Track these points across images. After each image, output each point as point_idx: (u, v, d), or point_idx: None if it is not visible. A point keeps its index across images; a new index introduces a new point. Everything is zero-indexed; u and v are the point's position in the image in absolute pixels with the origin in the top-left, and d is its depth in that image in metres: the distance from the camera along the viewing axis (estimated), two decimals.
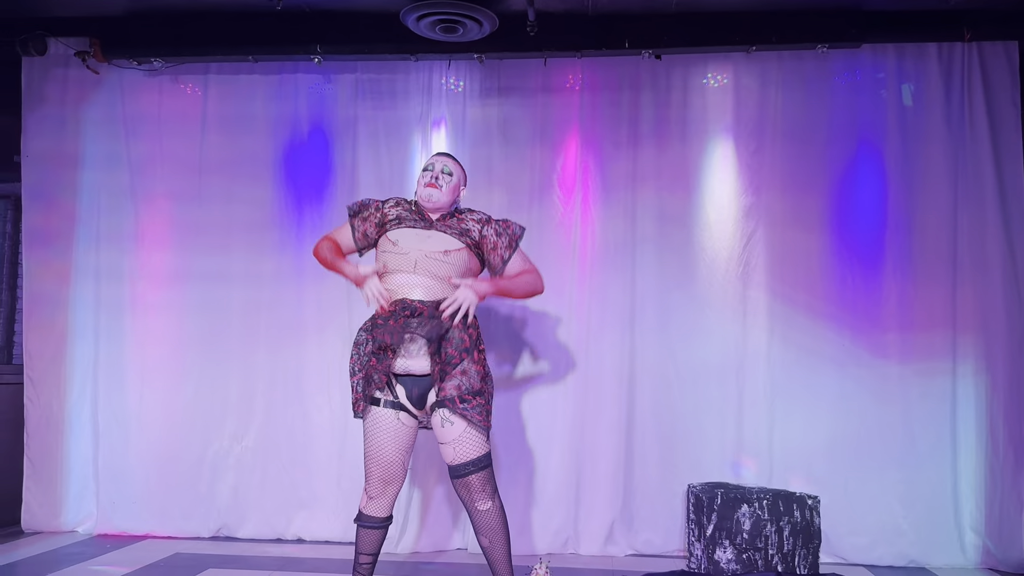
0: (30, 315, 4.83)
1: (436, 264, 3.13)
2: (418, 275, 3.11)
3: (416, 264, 3.12)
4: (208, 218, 4.80)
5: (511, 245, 3.29)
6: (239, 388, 4.72)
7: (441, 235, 3.20)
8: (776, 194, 4.58)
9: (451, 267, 3.14)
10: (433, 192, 3.24)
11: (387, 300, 3.09)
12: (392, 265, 3.16)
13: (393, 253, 3.16)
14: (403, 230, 3.22)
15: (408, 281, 3.12)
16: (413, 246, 3.15)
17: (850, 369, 4.48)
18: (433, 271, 3.12)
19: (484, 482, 3.14)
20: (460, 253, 3.18)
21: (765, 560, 4.04)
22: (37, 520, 4.69)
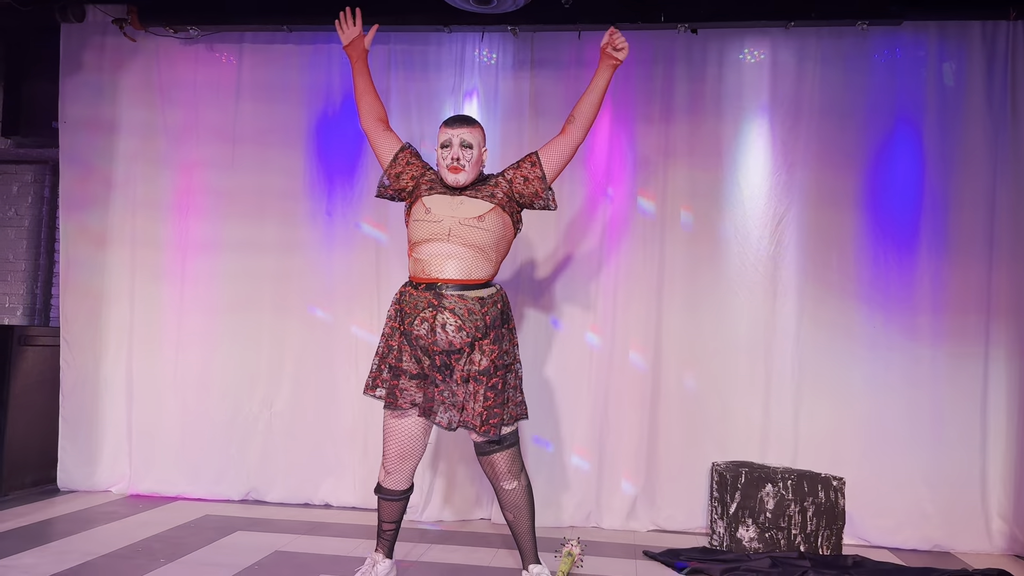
0: (67, 279, 4.92)
1: (470, 231, 3.08)
2: (452, 243, 3.07)
3: (450, 232, 3.07)
4: (242, 187, 4.85)
5: (532, 159, 3.22)
6: (270, 355, 4.79)
7: (472, 200, 3.15)
8: (811, 172, 4.53)
9: (486, 232, 3.10)
10: (459, 177, 3.15)
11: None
12: (425, 233, 3.11)
13: (426, 221, 3.11)
14: (435, 196, 3.17)
15: (441, 251, 3.07)
16: (446, 213, 3.11)
17: (880, 351, 4.44)
18: (467, 239, 3.08)
19: (511, 461, 3.13)
20: (492, 215, 3.13)
21: (788, 540, 4.04)
22: (72, 479, 4.80)
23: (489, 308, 3.07)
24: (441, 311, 3.03)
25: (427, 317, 3.03)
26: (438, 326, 3.02)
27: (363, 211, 4.77)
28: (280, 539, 3.92)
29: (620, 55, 3.18)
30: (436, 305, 3.04)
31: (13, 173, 5.76)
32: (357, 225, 4.76)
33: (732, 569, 3.70)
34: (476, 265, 3.09)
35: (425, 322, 3.03)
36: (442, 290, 3.06)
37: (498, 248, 3.18)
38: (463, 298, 3.05)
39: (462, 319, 3.03)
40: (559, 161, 3.21)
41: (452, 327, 3.02)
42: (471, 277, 3.08)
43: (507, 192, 3.19)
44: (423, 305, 3.06)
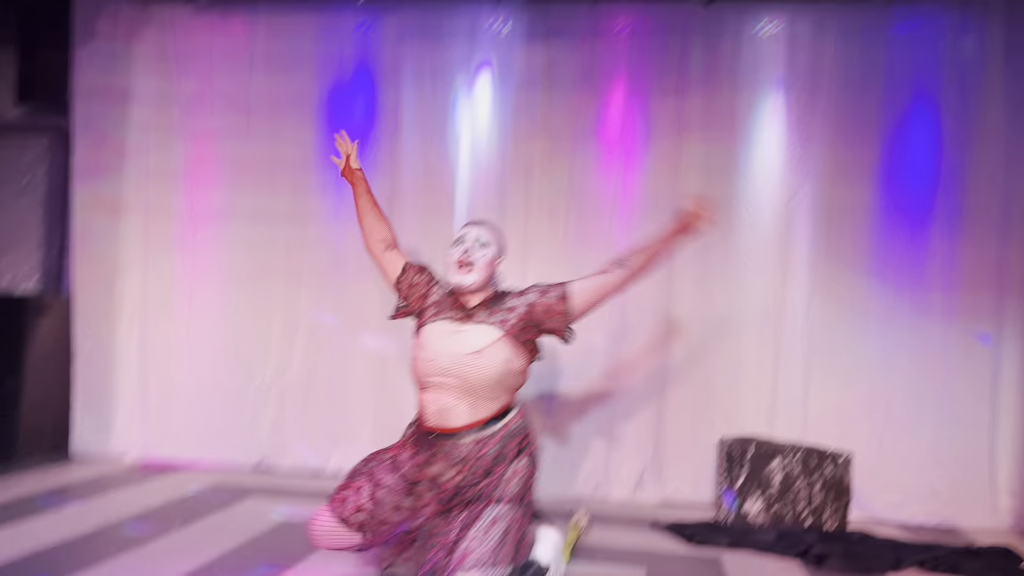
0: (80, 248, 4.94)
1: (468, 370, 2.70)
2: (448, 391, 2.72)
3: (446, 371, 2.72)
4: (255, 157, 4.85)
5: (562, 294, 2.79)
6: (281, 325, 4.82)
7: (476, 327, 2.77)
8: (825, 147, 4.50)
9: (483, 370, 2.70)
10: (465, 278, 2.79)
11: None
12: (420, 372, 2.79)
13: (423, 360, 2.78)
14: (437, 324, 2.82)
15: (440, 402, 2.73)
16: (442, 349, 2.75)
17: (891, 327, 4.44)
18: (465, 378, 2.70)
19: None
20: (496, 347, 2.73)
21: (794, 514, 4.06)
22: (87, 445, 4.86)
23: (490, 447, 2.71)
24: (435, 458, 2.73)
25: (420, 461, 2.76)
26: (430, 473, 2.73)
27: (374, 180, 4.74)
28: (291, 507, 3.97)
29: (697, 227, 2.91)
30: (430, 452, 2.75)
31: (27, 141, 5.76)
32: None
33: (739, 542, 3.73)
34: (480, 406, 2.72)
35: (420, 466, 2.76)
36: (434, 439, 2.74)
37: (504, 381, 2.76)
38: (457, 445, 2.71)
39: (459, 462, 2.71)
40: (590, 303, 2.83)
41: (447, 477, 2.72)
42: (478, 419, 2.72)
43: (524, 318, 2.78)
44: (424, 449, 2.77)
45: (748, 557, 3.59)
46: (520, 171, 4.65)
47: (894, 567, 3.49)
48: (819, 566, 3.48)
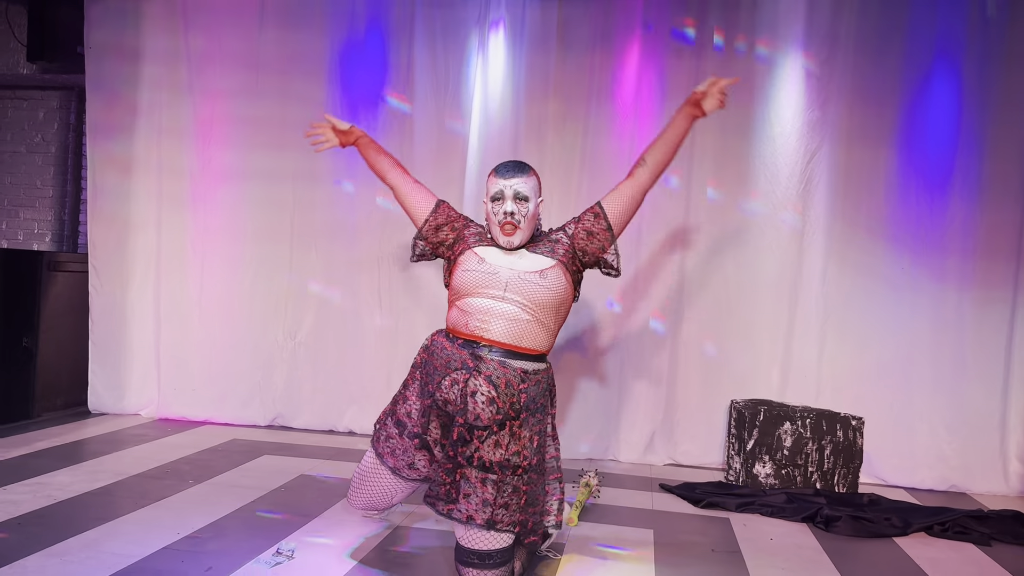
0: (94, 206, 4.95)
1: (531, 287, 2.59)
2: (507, 302, 2.58)
3: (507, 285, 2.59)
4: (265, 115, 4.82)
5: (596, 210, 2.75)
6: (293, 284, 4.83)
7: (531, 255, 2.69)
8: (844, 109, 4.43)
9: (547, 291, 2.60)
10: (513, 239, 2.68)
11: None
12: (476, 284, 2.62)
13: (479, 272, 2.62)
14: (488, 248, 2.72)
15: (493, 308, 2.57)
16: (503, 264, 2.65)
17: (906, 293, 4.41)
18: (527, 295, 2.58)
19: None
20: (554, 271, 2.65)
21: (804, 477, 4.08)
22: (102, 402, 4.92)
23: (530, 386, 2.59)
24: (475, 376, 2.54)
25: (458, 379, 2.56)
26: (467, 393, 2.53)
27: (385, 139, 4.73)
28: (305, 463, 4.01)
29: (712, 109, 2.79)
30: (471, 367, 2.55)
31: (39, 99, 5.76)
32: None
33: (747, 504, 3.75)
34: (530, 332, 2.60)
35: (456, 384, 2.56)
36: (482, 351, 2.57)
37: (559, 312, 2.68)
38: (504, 365, 2.55)
39: (497, 390, 2.52)
40: (625, 209, 2.75)
41: (483, 397, 2.51)
42: (521, 344, 2.59)
43: (568, 249, 2.72)
44: (456, 364, 2.58)
45: (757, 519, 3.62)
46: (532, 132, 4.61)
47: (903, 531, 3.51)
48: (828, 529, 3.50)
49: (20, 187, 5.79)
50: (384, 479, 2.83)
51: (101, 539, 2.78)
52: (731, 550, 3.16)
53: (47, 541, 2.72)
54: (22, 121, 5.77)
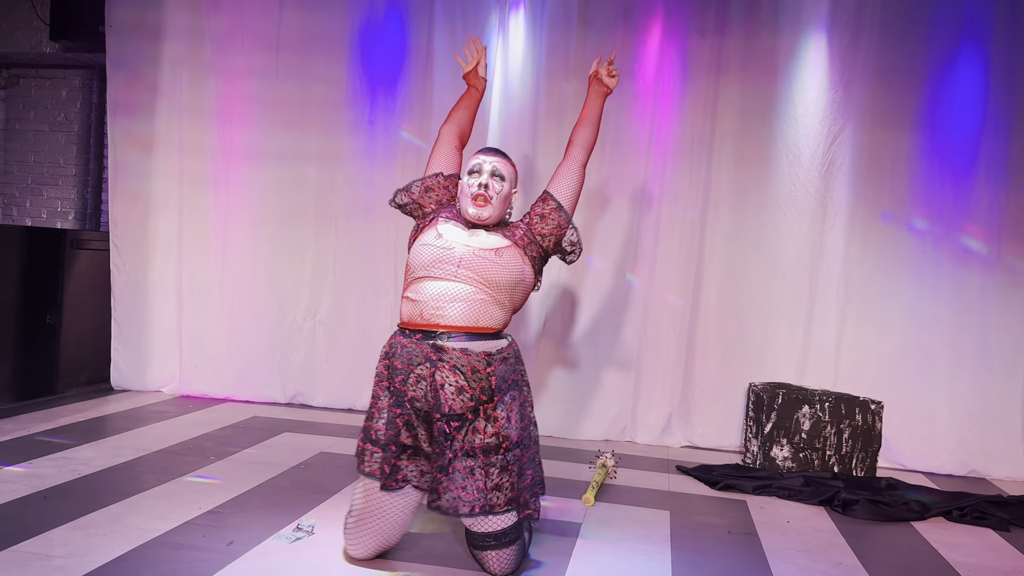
0: (115, 184, 4.99)
1: (485, 263, 2.56)
2: (459, 281, 2.53)
3: (461, 261, 2.55)
4: (285, 96, 4.83)
5: (543, 196, 2.81)
6: (312, 265, 4.86)
7: (489, 235, 2.67)
8: (868, 90, 4.38)
9: (502, 268, 2.58)
10: (482, 211, 2.66)
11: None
12: (429, 259, 2.58)
13: (434, 247, 2.60)
14: (449, 225, 2.68)
15: (444, 291, 2.52)
16: (459, 241, 2.61)
17: (928, 276, 4.37)
18: (480, 272, 2.55)
19: (509, 564, 2.53)
20: (511, 251, 2.63)
21: (822, 461, 4.07)
22: (125, 379, 4.98)
23: (497, 366, 2.54)
24: (440, 368, 2.49)
25: (423, 375, 2.49)
26: (436, 387, 2.48)
27: (404, 120, 4.74)
28: (325, 441, 4.05)
29: (612, 83, 3.03)
30: (434, 360, 2.49)
31: (62, 78, 5.80)
32: (398, 134, 4.73)
33: (764, 487, 3.75)
34: (485, 310, 2.55)
35: (422, 381, 2.49)
36: (441, 340, 2.51)
37: (514, 293, 2.64)
38: (467, 352, 2.50)
39: (465, 377, 2.49)
40: (570, 187, 2.82)
41: (452, 388, 2.47)
42: (478, 324, 2.53)
43: (526, 234, 2.72)
44: (419, 359, 2.51)
45: (774, 502, 3.62)
46: (553, 112, 4.59)
47: (920, 515, 3.50)
48: (845, 512, 3.50)
49: (43, 165, 5.84)
50: (385, 506, 2.54)
51: (125, 513, 2.83)
52: (748, 532, 3.17)
53: (72, 514, 2.77)
54: (45, 100, 5.82)
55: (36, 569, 2.31)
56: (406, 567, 2.55)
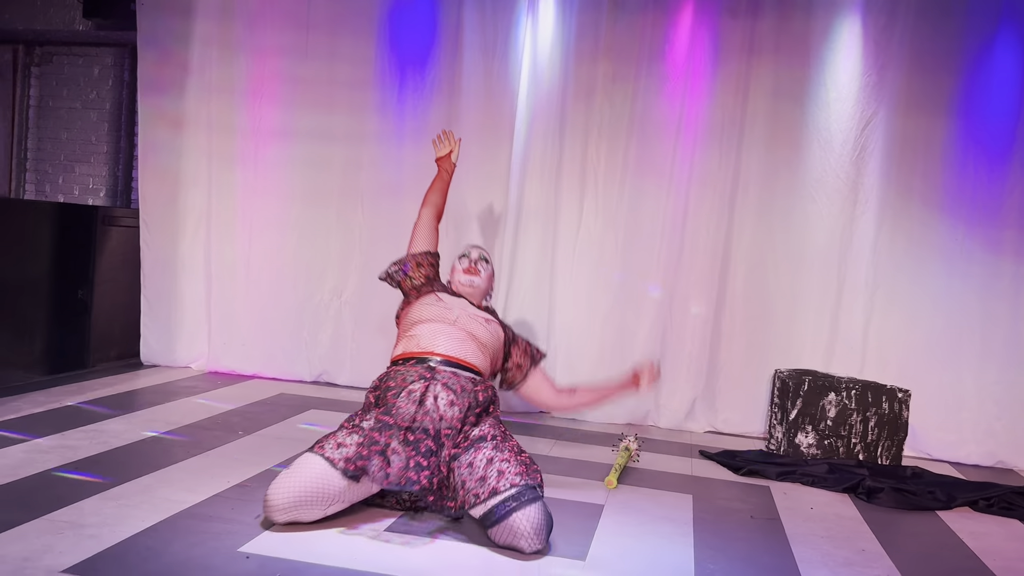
0: (145, 162, 5.03)
1: (476, 324, 3.11)
2: (456, 327, 3.04)
3: (457, 319, 3.08)
4: (313, 75, 4.83)
5: (532, 358, 3.42)
6: (339, 244, 4.88)
7: (478, 310, 3.27)
8: (902, 74, 4.32)
9: (488, 333, 3.13)
10: (475, 279, 3.32)
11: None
12: (428, 315, 3.10)
13: (434, 306, 3.15)
14: (445, 295, 3.28)
15: (441, 330, 3.01)
16: (456, 304, 3.19)
17: (959, 264, 4.32)
18: (470, 329, 3.06)
19: (538, 518, 2.49)
20: (495, 325, 3.22)
21: (847, 448, 4.05)
22: (154, 354, 5.04)
23: (481, 390, 2.85)
24: (433, 383, 2.74)
25: (415, 390, 2.71)
26: (429, 397, 2.69)
27: (433, 101, 4.73)
28: None
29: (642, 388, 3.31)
30: (428, 377, 2.77)
31: (94, 56, 5.85)
32: (428, 114, 4.73)
33: (788, 473, 3.74)
34: (473, 352, 3.01)
35: (412, 394, 2.70)
36: (434, 364, 2.87)
37: (494, 356, 3.18)
38: (456, 374, 2.84)
39: (455, 394, 2.73)
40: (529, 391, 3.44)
41: (444, 400, 2.69)
42: (466, 359, 2.96)
43: (506, 331, 3.35)
44: (413, 377, 2.77)
45: (797, 488, 3.61)
46: (581, 94, 4.57)
47: (946, 505, 3.48)
48: (870, 500, 3.48)
49: (75, 143, 5.91)
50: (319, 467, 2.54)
51: (155, 485, 2.88)
52: (770, 517, 3.16)
53: (103, 485, 2.82)
54: (78, 77, 5.88)
55: (70, 537, 2.36)
56: None
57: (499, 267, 4.63)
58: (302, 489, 2.51)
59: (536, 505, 2.51)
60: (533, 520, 2.47)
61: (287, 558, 2.36)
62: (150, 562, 2.25)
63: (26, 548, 2.27)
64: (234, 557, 2.34)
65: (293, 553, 2.39)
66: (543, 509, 2.53)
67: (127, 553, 2.30)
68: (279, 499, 2.50)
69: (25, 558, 2.20)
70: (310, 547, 2.44)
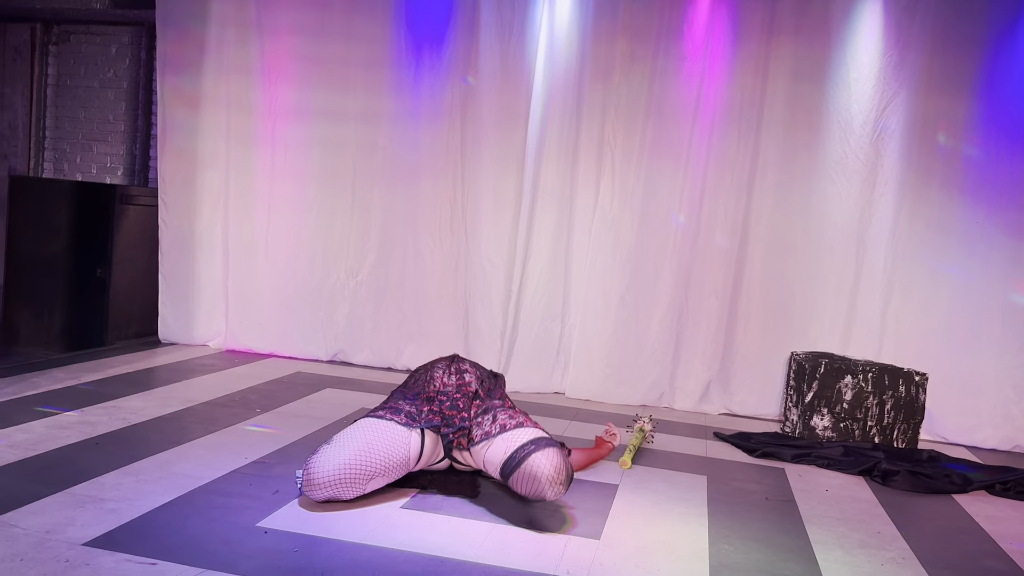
0: (163, 141, 5.04)
1: None
2: None
3: None
4: (329, 55, 4.83)
5: None
6: (355, 224, 4.89)
7: None
8: (924, 55, 4.26)
9: None
10: None
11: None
12: None
13: None
14: None
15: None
16: None
17: (979, 247, 4.28)
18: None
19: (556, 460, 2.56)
20: None
21: (863, 431, 4.04)
22: (172, 332, 5.08)
23: (492, 377, 3.07)
24: (458, 359, 3.02)
25: (442, 366, 2.96)
26: (453, 366, 2.96)
27: (449, 79, 4.72)
28: (366, 397, 4.11)
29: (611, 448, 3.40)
30: (451, 358, 3.04)
31: (111, 34, 5.86)
32: (443, 93, 4.71)
33: (803, 455, 3.73)
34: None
35: (439, 368, 2.95)
36: (457, 355, 3.10)
37: None
38: (475, 364, 3.06)
39: (475, 364, 3.02)
40: None
41: (468, 364, 2.99)
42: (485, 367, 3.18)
43: None
44: (440, 362, 3.01)
45: (812, 471, 3.60)
46: (599, 73, 4.54)
47: (962, 488, 3.47)
48: (885, 483, 3.47)
49: (93, 121, 5.94)
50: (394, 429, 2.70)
51: (173, 461, 2.91)
52: (785, 499, 3.16)
53: (122, 460, 2.85)
54: (95, 56, 5.89)
55: (91, 511, 2.39)
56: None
57: (515, 247, 4.63)
58: (346, 461, 2.56)
59: (554, 448, 2.57)
60: (554, 462, 2.53)
61: (304, 533, 2.38)
62: (170, 536, 2.28)
63: (48, 521, 2.30)
64: (252, 532, 2.37)
65: (310, 529, 2.42)
66: (562, 455, 2.58)
67: (147, 527, 2.33)
68: (321, 475, 2.54)
69: (47, 531, 2.24)
70: (327, 523, 2.47)
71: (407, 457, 2.69)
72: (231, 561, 2.16)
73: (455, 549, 2.38)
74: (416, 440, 2.71)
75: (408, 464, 2.71)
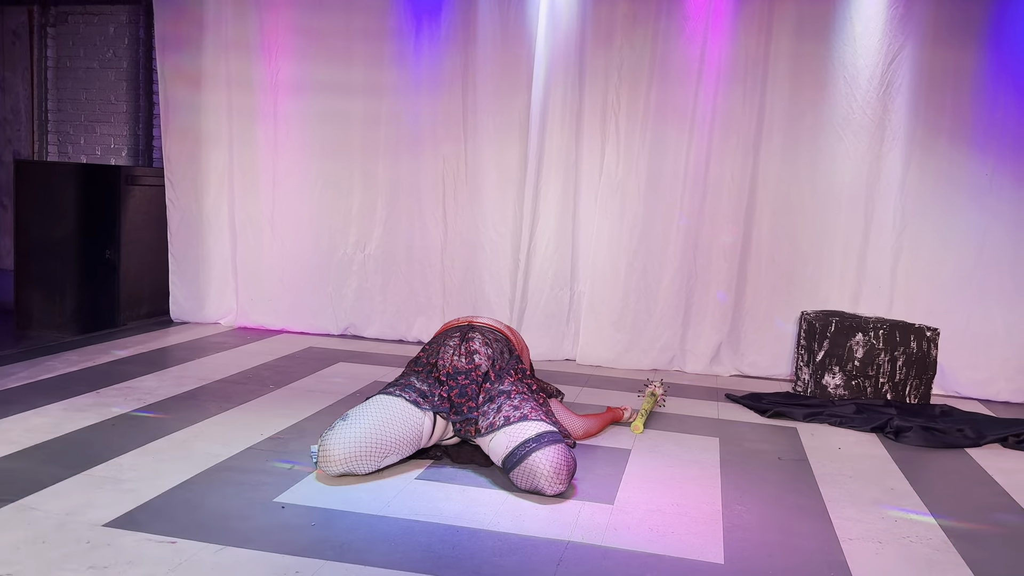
0: (166, 120, 5.03)
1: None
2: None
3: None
4: (329, 26, 4.79)
5: None
6: (361, 198, 4.88)
7: None
8: (930, 5, 4.19)
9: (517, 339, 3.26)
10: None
11: None
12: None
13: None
14: None
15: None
16: None
17: (989, 200, 4.24)
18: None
19: (557, 459, 2.56)
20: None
21: (875, 388, 4.04)
22: (183, 311, 5.11)
23: (508, 349, 2.99)
24: (471, 332, 2.95)
25: (453, 344, 2.89)
26: (464, 345, 2.87)
27: (448, 50, 4.67)
28: (379, 370, 4.13)
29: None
30: (465, 329, 2.98)
31: (109, 14, 5.83)
32: (443, 64, 4.67)
33: (815, 414, 3.74)
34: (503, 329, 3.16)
35: (450, 347, 2.88)
36: (472, 324, 3.05)
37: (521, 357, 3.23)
38: (491, 333, 3.00)
39: (488, 340, 2.92)
40: None
41: (479, 342, 2.88)
42: (501, 328, 3.12)
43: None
44: (453, 335, 2.95)
45: (825, 429, 3.61)
46: (601, 37, 4.48)
47: (975, 442, 3.47)
48: (898, 439, 3.48)
49: (95, 103, 5.92)
50: (408, 408, 2.72)
51: (189, 439, 2.94)
52: (798, 458, 3.18)
53: (139, 440, 2.89)
54: (93, 37, 5.86)
55: (109, 491, 2.43)
56: None
57: (521, 216, 4.62)
58: (361, 436, 2.58)
59: (556, 447, 2.57)
60: (553, 460, 2.55)
61: (322, 507, 2.41)
62: (189, 514, 2.32)
63: (68, 503, 2.33)
64: (270, 507, 2.40)
65: (327, 502, 2.44)
66: (564, 451, 2.59)
67: (166, 506, 2.36)
68: (337, 450, 2.57)
69: (68, 512, 2.27)
70: (343, 496, 2.49)
71: (419, 435, 2.73)
72: (250, 537, 2.19)
73: (470, 517, 2.41)
74: (428, 422, 2.75)
75: (420, 442, 2.75)
